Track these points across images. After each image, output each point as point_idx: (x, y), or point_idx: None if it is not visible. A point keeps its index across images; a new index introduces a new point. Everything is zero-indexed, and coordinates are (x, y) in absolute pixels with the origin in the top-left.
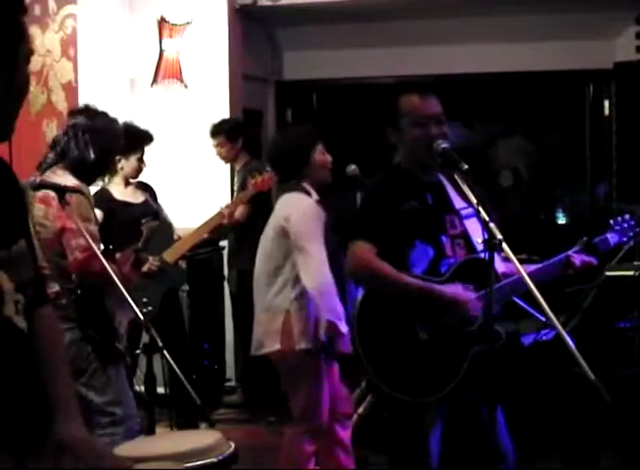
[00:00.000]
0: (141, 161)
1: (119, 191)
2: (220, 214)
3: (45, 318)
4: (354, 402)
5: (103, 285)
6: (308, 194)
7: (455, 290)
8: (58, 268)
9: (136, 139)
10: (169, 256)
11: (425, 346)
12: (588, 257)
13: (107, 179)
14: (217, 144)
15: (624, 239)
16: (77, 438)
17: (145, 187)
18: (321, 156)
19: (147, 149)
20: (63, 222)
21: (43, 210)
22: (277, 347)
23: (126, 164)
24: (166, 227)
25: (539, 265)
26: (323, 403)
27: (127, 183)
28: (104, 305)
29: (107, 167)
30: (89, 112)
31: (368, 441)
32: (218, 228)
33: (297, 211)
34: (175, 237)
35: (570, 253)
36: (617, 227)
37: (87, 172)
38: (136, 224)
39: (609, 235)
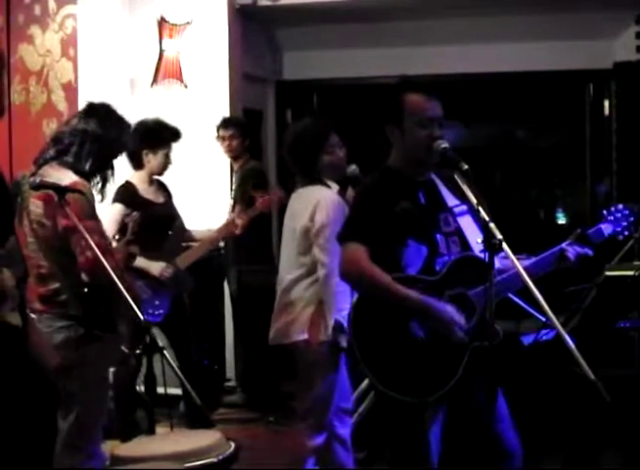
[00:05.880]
0: (167, 157)
1: (144, 188)
2: (231, 224)
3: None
4: (355, 401)
5: (112, 287)
6: (327, 186)
7: (444, 308)
8: (61, 266)
9: (165, 135)
10: (181, 261)
11: (422, 345)
12: (582, 248)
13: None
14: (229, 136)
15: (618, 229)
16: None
17: (164, 187)
18: (330, 149)
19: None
20: (69, 222)
21: (42, 207)
22: (304, 337)
23: (153, 159)
24: (181, 232)
25: (533, 259)
26: (334, 398)
27: (151, 181)
28: (109, 307)
29: (103, 171)
30: (104, 117)
31: (368, 440)
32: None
33: (320, 208)
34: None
35: (563, 246)
36: (611, 217)
37: (81, 175)
38: (158, 224)
39: (602, 226)
